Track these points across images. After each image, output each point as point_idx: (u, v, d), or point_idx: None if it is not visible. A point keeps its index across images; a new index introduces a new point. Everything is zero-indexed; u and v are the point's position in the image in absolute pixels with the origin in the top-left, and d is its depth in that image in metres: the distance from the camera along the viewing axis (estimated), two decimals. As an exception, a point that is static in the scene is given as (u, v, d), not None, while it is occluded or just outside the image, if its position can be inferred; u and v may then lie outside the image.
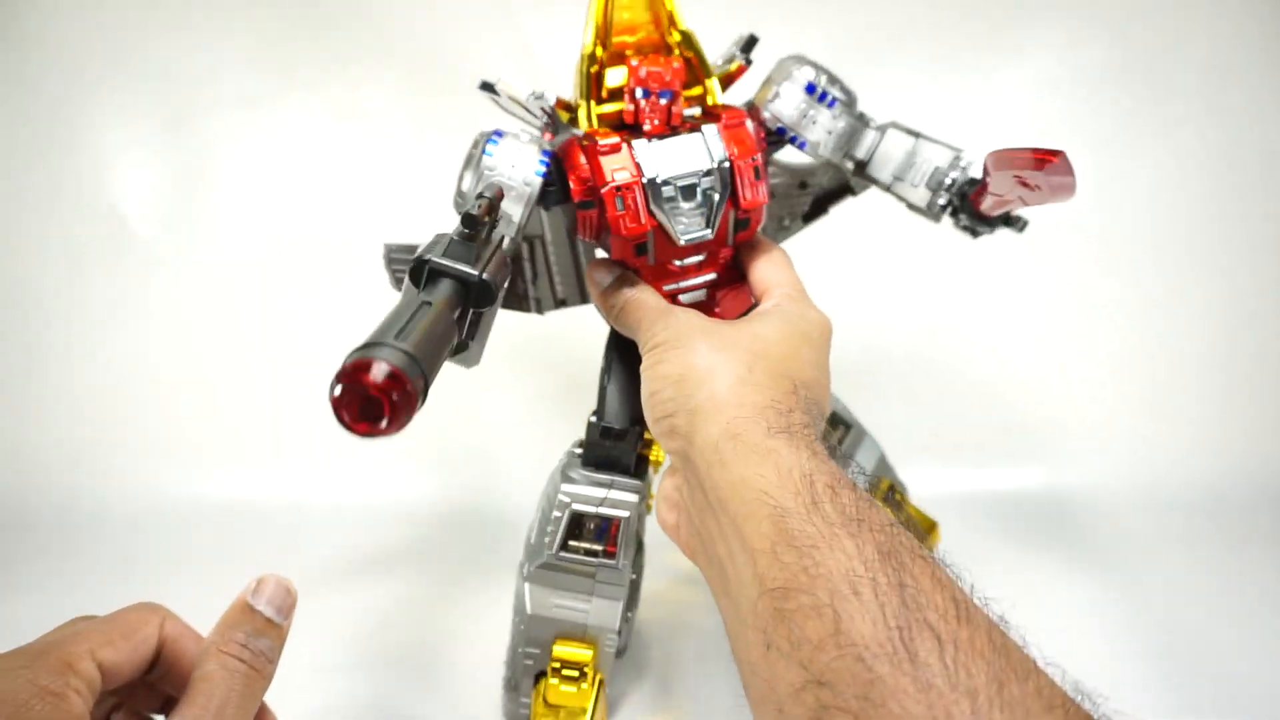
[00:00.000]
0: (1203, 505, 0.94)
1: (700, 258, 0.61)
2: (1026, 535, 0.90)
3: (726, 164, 0.58)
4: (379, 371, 0.34)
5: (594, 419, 0.63)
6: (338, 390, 0.35)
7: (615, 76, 0.60)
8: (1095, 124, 1.05)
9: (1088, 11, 1.02)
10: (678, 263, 0.61)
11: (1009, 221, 0.62)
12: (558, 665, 0.62)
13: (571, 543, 0.61)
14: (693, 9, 0.61)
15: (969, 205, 0.61)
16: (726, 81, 0.63)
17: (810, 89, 0.62)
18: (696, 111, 0.62)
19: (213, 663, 0.41)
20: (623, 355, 0.63)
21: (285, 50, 1.02)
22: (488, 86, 0.61)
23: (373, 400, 0.34)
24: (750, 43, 0.63)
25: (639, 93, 0.58)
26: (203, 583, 0.84)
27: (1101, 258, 1.04)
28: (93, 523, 0.97)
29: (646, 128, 0.59)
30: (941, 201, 0.63)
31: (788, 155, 0.71)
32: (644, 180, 0.57)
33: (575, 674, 0.61)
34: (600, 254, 0.65)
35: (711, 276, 0.63)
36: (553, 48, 0.98)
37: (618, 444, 0.62)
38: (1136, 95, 1.04)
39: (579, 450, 0.65)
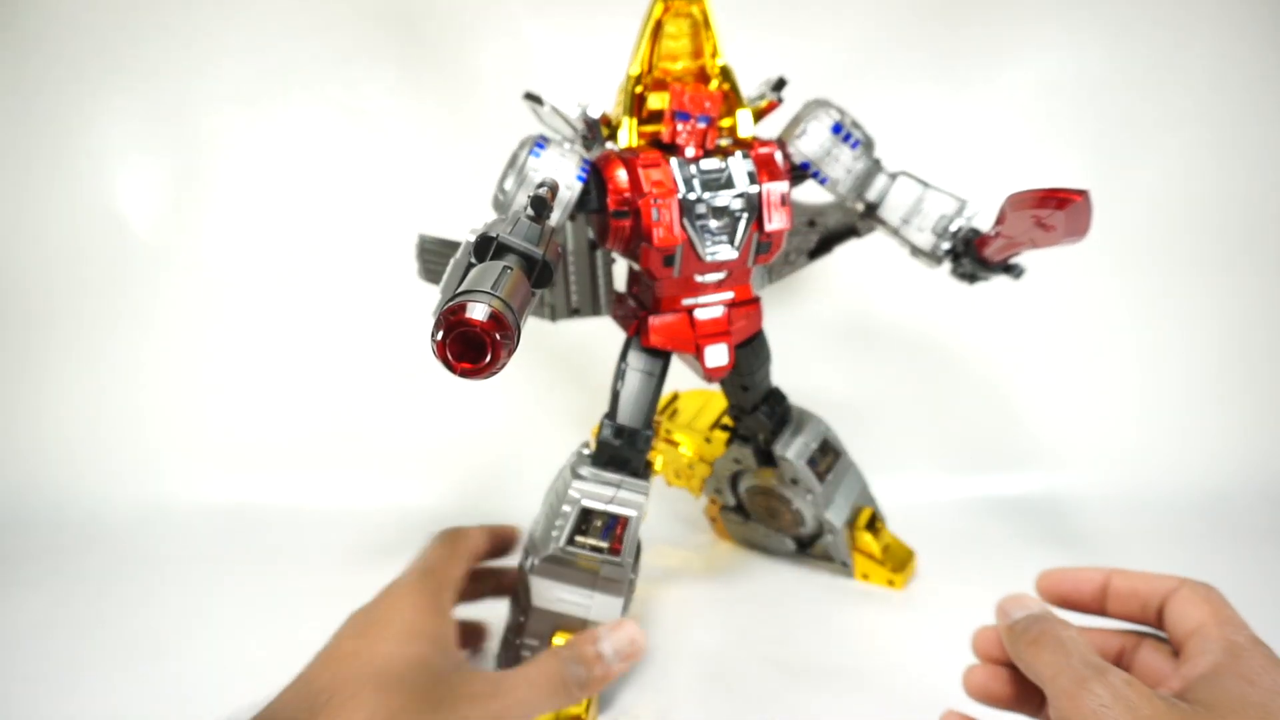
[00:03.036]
0: (1203, 506, 0.95)
1: (721, 275, 0.65)
2: (1029, 539, 0.90)
3: (755, 189, 0.62)
4: (481, 312, 0.36)
5: (607, 419, 0.65)
6: (439, 334, 0.36)
7: (656, 100, 0.64)
8: (1097, 125, 1.04)
9: (1089, 12, 1.02)
10: (699, 278, 0.64)
11: (1008, 269, 0.66)
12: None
13: (578, 538, 0.62)
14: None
15: (972, 250, 0.66)
16: (757, 116, 0.67)
17: (836, 129, 0.67)
18: (728, 140, 0.65)
19: (549, 661, 0.55)
20: (636, 360, 0.66)
21: (285, 49, 1.02)
22: (533, 97, 0.64)
23: (475, 340, 0.36)
24: (780, 83, 0.68)
25: (678, 116, 0.62)
26: (203, 584, 0.84)
27: (1101, 261, 1.03)
28: (93, 524, 0.95)
29: (690, 152, 0.62)
30: (945, 246, 0.68)
31: (799, 195, 0.75)
32: (680, 196, 0.61)
33: (574, 667, 0.62)
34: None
35: (729, 295, 0.67)
36: (549, 48, 1.00)
37: (629, 445, 0.64)
38: (1139, 96, 1.03)
39: (587, 450, 0.66)
